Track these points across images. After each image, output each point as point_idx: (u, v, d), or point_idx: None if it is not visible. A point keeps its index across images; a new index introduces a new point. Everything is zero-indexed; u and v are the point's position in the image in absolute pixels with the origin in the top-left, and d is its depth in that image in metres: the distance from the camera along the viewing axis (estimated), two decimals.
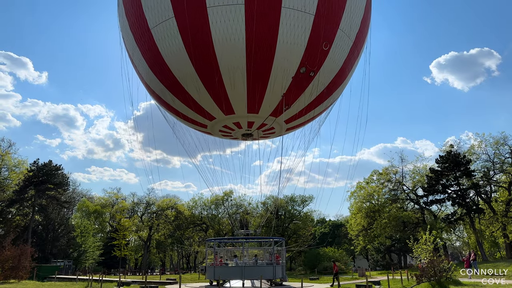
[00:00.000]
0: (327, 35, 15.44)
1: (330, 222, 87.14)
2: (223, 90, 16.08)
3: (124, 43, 19.39)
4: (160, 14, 15.02)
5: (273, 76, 15.55)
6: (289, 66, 15.50)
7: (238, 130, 20.03)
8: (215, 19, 14.10)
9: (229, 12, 13.96)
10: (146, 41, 16.15)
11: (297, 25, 14.51)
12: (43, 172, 54.98)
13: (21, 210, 53.85)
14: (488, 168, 48.76)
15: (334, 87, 18.45)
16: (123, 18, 17.73)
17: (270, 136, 22.61)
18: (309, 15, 14.58)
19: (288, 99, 16.85)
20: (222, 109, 17.43)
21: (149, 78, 18.05)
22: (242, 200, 70.43)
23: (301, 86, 16.63)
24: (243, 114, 17.86)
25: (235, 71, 15.23)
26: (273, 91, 16.22)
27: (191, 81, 16.11)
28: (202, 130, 21.16)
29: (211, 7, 14.01)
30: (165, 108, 20.15)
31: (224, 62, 15.01)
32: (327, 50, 15.82)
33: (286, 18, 14.27)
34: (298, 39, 14.82)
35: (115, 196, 77.74)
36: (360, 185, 58.77)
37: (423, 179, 52.82)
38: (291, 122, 19.81)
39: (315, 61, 15.77)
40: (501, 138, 47.57)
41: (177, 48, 15.26)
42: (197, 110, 17.83)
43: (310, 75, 16.22)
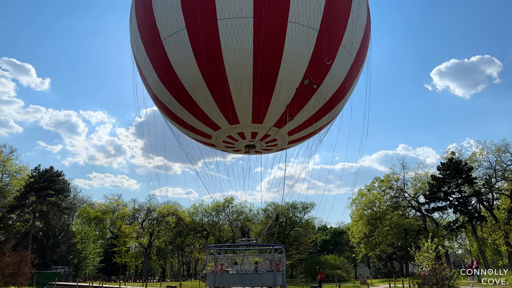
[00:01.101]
0: (330, 50, 16.37)
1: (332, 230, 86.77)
2: (230, 99, 16.68)
3: (134, 57, 20.20)
4: (172, 26, 15.88)
5: (278, 86, 16.26)
6: (293, 77, 16.27)
7: (241, 141, 20.52)
8: (224, 30, 14.95)
9: (238, 25, 14.88)
10: (157, 52, 16.91)
11: (302, 39, 15.45)
12: (44, 178, 55.00)
13: (21, 216, 53.80)
14: (490, 175, 48.63)
15: (336, 101, 19.22)
16: (135, 32, 18.63)
17: (272, 149, 23.00)
18: (313, 30, 15.55)
19: (292, 110, 17.54)
20: (227, 118, 17.97)
21: (158, 88, 18.65)
22: (243, 207, 70.29)
23: (305, 98, 17.34)
24: (248, 123, 18.43)
25: (242, 80, 15.92)
26: (277, 102, 16.90)
27: (199, 90, 16.75)
28: (206, 142, 21.59)
29: (221, 20, 14.90)
30: (170, 119, 20.61)
31: (232, 71, 15.72)
32: (330, 64, 16.71)
33: (292, 32, 15.22)
34: (303, 52, 15.72)
35: (116, 202, 77.68)
36: (361, 192, 58.63)
37: (424, 186, 52.67)
38: (294, 135, 20.25)
39: (318, 74, 16.62)
40: (503, 146, 47.55)
41: (186, 58, 15.99)
42: (203, 119, 18.35)
43: (313, 88, 17.00)
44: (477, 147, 50.89)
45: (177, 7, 15.60)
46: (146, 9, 17.09)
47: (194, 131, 20.30)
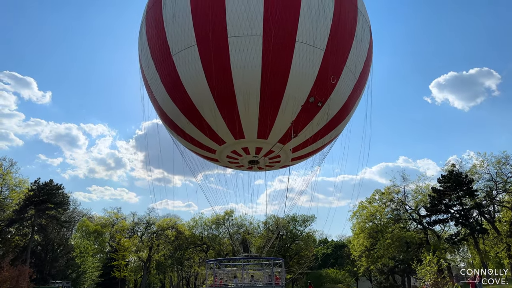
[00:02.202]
0: (334, 69, 17.01)
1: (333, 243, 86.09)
2: (237, 114, 17.08)
3: (141, 71, 20.58)
4: (183, 42, 16.43)
5: (284, 103, 16.73)
6: (299, 94, 16.79)
7: (245, 156, 20.74)
8: (234, 47, 15.55)
9: (248, 42, 15.52)
10: (166, 67, 17.35)
11: (309, 58, 16.09)
12: (43, 192, 54.77)
13: (20, 230, 53.41)
14: (490, 187, 48.49)
15: (339, 119, 19.70)
16: (145, 47, 19.06)
17: (275, 166, 23.15)
18: (319, 50, 16.22)
19: (297, 127, 17.94)
20: (233, 133, 18.26)
21: (165, 103, 19.00)
22: (243, 220, 69.86)
23: (309, 115, 17.82)
24: (253, 139, 18.71)
25: (249, 96, 16.37)
26: (283, 118, 17.31)
27: (207, 104, 17.12)
28: (210, 156, 21.78)
29: (231, 37, 15.53)
30: (176, 133, 20.85)
31: (240, 87, 16.17)
32: (334, 83, 17.29)
33: (299, 51, 15.87)
34: (309, 71, 16.33)
35: (115, 215, 77.21)
36: (362, 204, 58.40)
37: (425, 199, 52.47)
38: (297, 152, 20.47)
39: (323, 92, 17.16)
40: (503, 158, 47.55)
41: (196, 73, 16.44)
42: (210, 133, 18.63)
43: (318, 105, 17.50)
44: (477, 159, 50.95)
45: (189, 24, 16.10)
46: (157, 25, 17.55)
47: (199, 146, 20.48)
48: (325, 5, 16.29)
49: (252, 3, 15.33)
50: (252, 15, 15.33)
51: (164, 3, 17.30)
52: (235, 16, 15.38)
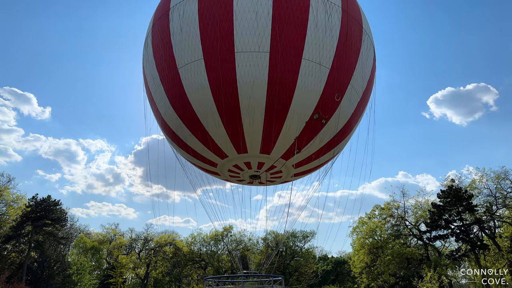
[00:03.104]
0: (339, 87, 17.21)
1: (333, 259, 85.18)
2: (241, 129, 17.09)
3: (145, 82, 20.63)
4: (189, 55, 16.53)
5: (289, 119, 16.80)
6: (304, 111, 16.89)
7: (247, 171, 20.68)
8: (241, 63, 15.70)
9: (255, 58, 15.65)
10: (171, 79, 17.45)
11: (314, 76, 16.29)
12: (41, 208, 54.43)
13: (17, 247, 52.84)
14: (490, 203, 48.36)
15: (342, 137, 19.80)
16: (150, 58, 19.12)
17: (276, 181, 23.13)
18: (325, 68, 16.45)
19: (300, 143, 17.94)
20: (236, 147, 18.22)
21: (168, 115, 18.97)
22: (242, 236, 69.27)
23: (313, 132, 17.87)
24: (256, 154, 18.66)
25: (255, 111, 16.43)
26: (287, 134, 17.35)
27: (211, 118, 17.13)
28: (211, 170, 21.72)
29: (238, 53, 15.66)
30: (178, 146, 20.78)
31: (245, 102, 16.26)
32: (339, 101, 17.46)
33: (305, 68, 16.09)
34: (314, 88, 16.49)
35: (113, 232, 76.51)
36: (362, 220, 58.08)
37: (425, 214, 52.22)
38: (299, 168, 20.54)
39: (328, 109, 17.34)
40: (502, 173, 47.57)
41: (202, 86, 16.50)
42: (212, 147, 18.62)
43: (322, 122, 17.62)
44: (476, 174, 50.94)
45: (196, 38, 16.29)
46: (164, 38, 17.71)
47: (200, 159, 20.41)
48: (332, 24, 16.59)
49: (260, 20, 15.64)
50: (260, 32, 15.60)
51: (171, 16, 17.51)
52: (243, 32, 15.64)
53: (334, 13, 16.93)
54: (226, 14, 15.85)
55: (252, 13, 15.70)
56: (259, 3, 15.80)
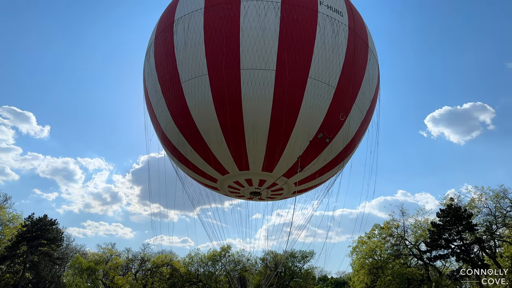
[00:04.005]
0: (344, 107, 17.10)
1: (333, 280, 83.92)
2: (243, 146, 16.77)
3: (145, 94, 20.27)
4: (193, 70, 16.24)
5: (293, 138, 16.55)
6: (308, 130, 16.70)
7: (247, 188, 20.37)
8: (246, 80, 15.47)
9: (260, 76, 15.44)
10: (174, 93, 17.09)
11: (320, 95, 16.13)
12: (37, 227, 53.79)
13: (11, 267, 51.92)
14: (490, 222, 48.19)
15: (344, 155, 19.61)
16: (151, 70, 18.70)
17: (276, 198, 22.87)
18: (331, 87, 16.32)
19: (303, 162, 17.73)
20: (238, 165, 17.93)
21: (169, 128, 18.61)
22: (241, 256, 68.37)
23: (317, 151, 17.63)
24: (257, 171, 18.34)
25: (258, 129, 16.15)
26: (290, 152, 17.07)
27: (214, 134, 16.80)
28: (211, 185, 21.38)
29: (244, 69, 15.45)
30: (178, 160, 20.40)
31: (249, 119, 15.97)
32: (343, 120, 17.32)
33: (311, 87, 15.90)
34: (319, 107, 16.32)
35: (110, 252, 75.37)
36: (361, 240, 57.57)
37: (425, 234, 51.87)
38: (301, 185, 20.35)
39: (332, 129, 17.15)
40: (501, 191, 47.59)
41: (205, 102, 16.19)
42: (213, 163, 18.27)
43: (326, 141, 17.40)
44: (475, 193, 50.92)
45: (201, 53, 16.05)
46: (167, 50, 17.42)
47: (200, 174, 20.05)
48: (339, 43, 16.47)
49: (267, 37, 15.47)
50: (266, 49, 15.42)
51: (176, 29, 17.24)
52: (249, 48, 15.46)
53: (341, 31, 16.83)
54: (232, 29, 15.66)
55: (259, 30, 15.55)
56: (266, 20, 15.64)
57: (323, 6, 16.70)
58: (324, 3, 16.79)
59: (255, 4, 15.92)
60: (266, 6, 15.89)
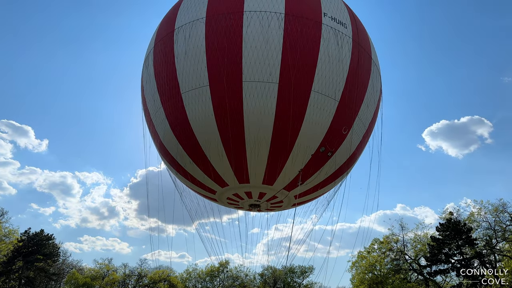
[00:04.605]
0: (347, 120, 16.86)
1: None
2: (244, 159, 16.43)
3: (143, 102, 19.80)
4: (194, 81, 15.76)
5: (295, 151, 16.24)
6: (310, 144, 16.42)
7: (247, 200, 20.01)
8: (249, 92, 15.07)
9: (263, 88, 15.05)
10: (173, 103, 16.64)
11: (323, 108, 15.86)
12: (33, 242, 53.33)
13: (7, 283, 51.11)
14: (490, 236, 47.95)
15: (346, 168, 19.32)
16: (150, 79, 18.24)
17: (275, 209, 22.58)
18: (334, 101, 16.06)
19: (305, 175, 17.42)
20: (238, 178, 17.55)
21: (167, 139, 18.14)
22: (239, 272, 67.57)
23: (318, 164, 17.34)
24: (258, 184, 18.01)
25: (260, 142, 15.81)
26: (292, 166, 16.77)
27: (214, 147, 16.40)
28: (209, 196, 20.94)
29: (246, 82, 15.04)
30: (175, 171, 19.97)
31: (251, 133, 15.62)
32: (346, 134, 17.07)
33: (314, 100, 15.62)
34: (322, 121, 16.06)
35: (106, 267, 74.40)
36: (361, 254, 57.09)
37: (425, 248, 51.54)
38: (301, 198, 20.07)
39: (334, 142, 16.89)
40: (500, 205, 47.50)
41: (205, 114, 15.79)
42: (213, 175, 17.87)
43: (328, 155, 17.14)
44: (474, 207, 50.77)
45: (202, 63, 15.56)
46: (167, 60, 16.93)
47: (199, 185, 19.70)
48: (343, 56, 16.17)
49: (270, 49, 15.05)
50: (269, 61, 15.01)
51: (176, 38, 16.71)
52: (252, 60, 15.04)
53: (345, 44, 16.51)
54: (235, 40, 15.20)
55: (262, 41, 15.10)
56: (270, 31, 15.22)
57: (327, 17, 16.37)
58: (328, 14, 16.46)
59: (258, 15, 15.51)
60: (270, 17, 15.48)
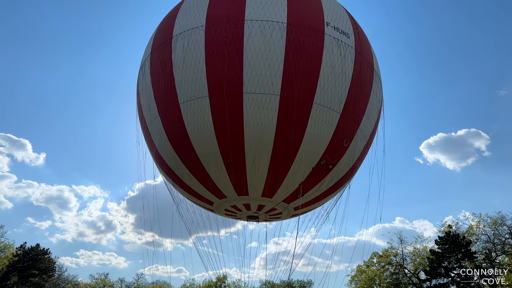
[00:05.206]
0: (348, 132, 16.55)
1: None
2: (244, 172, 16.05)
3: (138, 110, 19.31)
4: (193, 91, 15.28)
5: (296, 164, 15.88)
6: (312, 157, 16.06)
7: (245, 212, 19.63)
8: (249, 104, 14.66)
9: (264, 100, 14.65)
10: (170, 114, 16.14)
11: (325, 121, 15.48)
12: (29, 257, 52.61)
13: None
14: (489, 249, 47.70)
15: (346, 179, 19.06)
16: (147, 87, 17.70)
17: (274, 220, 22.26)
18: (336, 113, 15.67)
19: (305, 188, 17.12)
20: (237, 190, 17.18)
21: (165, 149, 17.62)
22: (237, 286, 66.74)
23: (319, 177, 17.02)
24: (257, 197, 17.64)
25: (260, 155, 15.40)
26: (292, 179, 16.43)
27: (213, 159, 15.93)
28: (206, 207, 20.54)
29: (247, 93, 14.63)
30: (172, 181, 19.53)
31: (251, 145, 15.18)
32: (347, 146, 16.72)
33: (316, 113, 15.25)
34: (324, 133, 15.66)
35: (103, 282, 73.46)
36: (360, 268, 56.57)
37: (424, 262, 51.15)
38: (301, 209, 19.71)
39: (335, 155, 16.54)
40: (499, 218, 47.45)
41: (204, 126, 15.35)
42: (211, 187, 17.47)
43: (328, 168, 16.79)
44: (473, 220, 50.69)
45: (201, 73, 15.09)
46: (165, 68, 16.40)
47: (196, 196, 19.24)
48: (345, 67, 15.87)
49: (272, 60, 14.64)
50: (271, 72, 14.57)
51: (174, 46, 16.13)
52: (253, 71, 14.59)
53: (348, 54, 16.12)
54: (236, 50, 14.74)
55: (264, 51, 14.67)
56: (272, 41, 14.77)
57: (330, 27, 16.00)
58: (330, 24, 16.10)
59: (259, 24, 15.02)
60: (272, 27, 15.01)
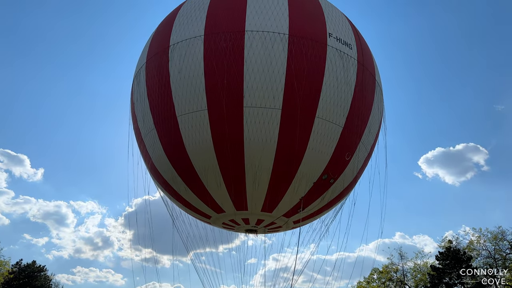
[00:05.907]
0: (350, 146, 16.20)
1: None
2: (243, 188, 15.68)
3: (132, 119, 18.94)
4: (191, 104, 14.83)
5: (297, 180, 15.54)
6: (313, 172, 15.72)
7: (243, 226, 19.24)
8: (249, 119, 14.26)
9: (265, 115, 14.24)
10: (167, 126, 15.64)
11: (327, 135, 15.07)
12: (25, 274, 51.85)
13: None
14: (490, 264, 47.26)
15: (346, 192, 18.89)
16: (142, 97, 17.18)
17: (273, 232, 21.77)
18: (338, 127, 15.28)
19: (306, 203, 16.81)
20: (236, 206, 16.81)
21: (161, 163, 17.13)
22: None
23: (320, 191, 16.75)
24: (256, 212, 17.24)
25: (261, 171, 15.01)
26: (293, 194, 16.10)
27: (212, 175, 15.51)
28: (203, 220, 20.12)
29: (247, 107, 14.20)
30: (168, 194, 19.04)
31: (252, 161, 14.79)
32: (349, 160, 16.40)
33: (318, 127, 14.80)
34: (326, 148, 15.29)
35: None
36: (361, 285, 55.90)
37: (425, 278, 50.62)
38: (301, 223, 19.51)
39: (337, 169, 16.22)
40: (499, 233, 47.19)
41: (203, 140, 14.83)
42: (209, 202, 17.06)
43: (330, 182, 16.52)
44: (473, 234, 50.36)
45: (200, 86, 14.63)
46: (161, 78, 15.82)
47: (193, 210, 18.83)
48: (348, 79, 15.55)
49: (273, 72, 14.27)
50: (272, 85, 14.20)
51: (171, 55, 15.62)
52: (253, 85, 14.22)
53: (350, 66, 15.75)
54: (235, 62, 14.32)
55: (265, 63, 14.29)
56: (273, 53, 14.40)
57: (332, 38, 15.60)
58: (333, 35, 15.72)
59: (260, 35, 14.57)
60: (273, 38, 14.56)
